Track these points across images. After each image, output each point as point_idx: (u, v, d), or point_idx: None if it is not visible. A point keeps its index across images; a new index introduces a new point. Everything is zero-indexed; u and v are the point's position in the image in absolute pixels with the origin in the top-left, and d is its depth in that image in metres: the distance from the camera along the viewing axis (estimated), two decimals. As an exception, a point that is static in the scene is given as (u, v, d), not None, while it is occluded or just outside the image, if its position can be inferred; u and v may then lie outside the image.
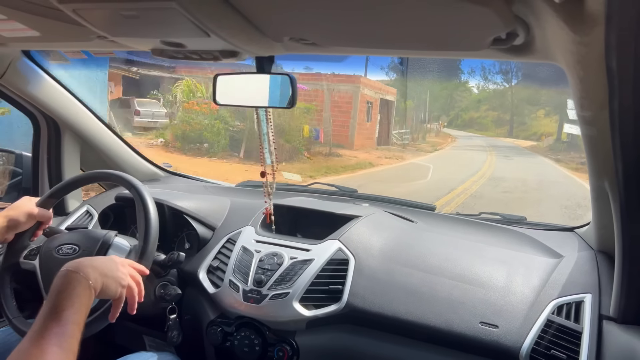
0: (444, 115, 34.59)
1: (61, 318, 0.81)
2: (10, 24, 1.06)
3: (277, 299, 1.31)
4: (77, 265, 0.92)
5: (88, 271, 0.92)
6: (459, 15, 0.72)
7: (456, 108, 35.28)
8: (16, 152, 1.95)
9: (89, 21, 0.89)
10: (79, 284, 0.89)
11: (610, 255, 1.30)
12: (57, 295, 0.85)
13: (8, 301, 1.29)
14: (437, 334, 1.19)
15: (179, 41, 0.97)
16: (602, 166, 1.04)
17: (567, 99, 1.07)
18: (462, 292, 1.24)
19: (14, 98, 1.73)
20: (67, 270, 0.91)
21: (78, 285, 0.89)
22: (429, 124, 26.57)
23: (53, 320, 0.81)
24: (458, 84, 31.08)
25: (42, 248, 1.32)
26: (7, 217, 1.26)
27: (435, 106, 32.11)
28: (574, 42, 0.70)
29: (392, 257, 1.38)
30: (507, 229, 1.62)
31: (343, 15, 0.78)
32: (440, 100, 32.11)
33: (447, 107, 34.43)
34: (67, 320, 0.82)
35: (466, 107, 34.45)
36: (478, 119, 33.94)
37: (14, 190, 1.89)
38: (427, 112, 26.63)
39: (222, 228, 1.62)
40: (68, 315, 0.82)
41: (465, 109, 34.71)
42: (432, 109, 30.34)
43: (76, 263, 0.93)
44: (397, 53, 1.17)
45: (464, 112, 34.55)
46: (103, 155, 2.02)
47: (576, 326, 1.11)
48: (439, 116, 31.15)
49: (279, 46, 0.99)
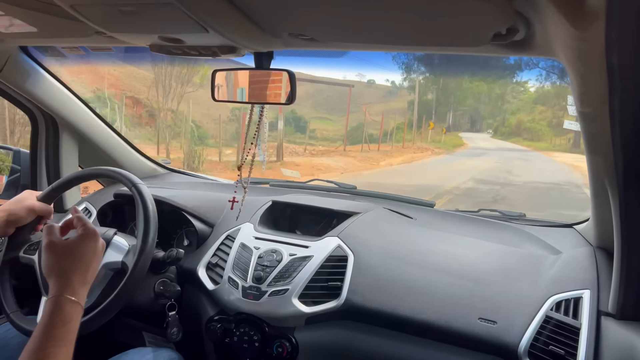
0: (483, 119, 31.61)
1: (57, 338, 0.86)
2: (7, 20, 1.06)
3: (277, 295, 1.31)
4: (72, 289, 0.95)
5: (79, 292, 0.96)
6: (459, 10, 0.72)
7: (497, 109, 30.76)
8: (14, 149, 1.95)
9: (87, 17, 0.89)
10: (71, 308, 0.92)
11: (609, 251, 1.30)
12: (50, 319, 0.89)
13: (7, 295, 1.29)
14: (435, 330, 1.19)
15: (178, 37, 0.97)
16: (602, 162, 1.03)
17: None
18: (461, 288, 1.24)
19: (11, 95, 1.72)
20: (59, 296, 0.93)
21: (71, 309, 0.92)
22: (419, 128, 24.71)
23: (49, 341, 0.85)
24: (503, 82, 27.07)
25: (41, 243, 1.31)
26: (7, 211, 1.26)
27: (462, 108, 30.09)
28: (575, 38, 0.69)
29: (391, 253, 1.38)
30: (506, 225, 1.63)
31: (342, 10, 0.78)
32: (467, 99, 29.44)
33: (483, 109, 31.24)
34: (65, 340, 0.87)
35: (516, 108, 28.57)
36: (529, 124, 26.54)
37: (12, 187, 1.88)
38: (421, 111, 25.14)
39: (221, 225, 1.62)
40: (64, 335, 0.87)
41: (514, 111, 28.64)
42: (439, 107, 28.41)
43: (70, 287, 0.95)
44: (396, 49, 1.16)
45: (512, 115, 28.79)
46: (101, 152, 2.01)
47: (575, 322, 1.11)
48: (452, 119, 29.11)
49: (278, 42, 0.99)
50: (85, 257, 1.02)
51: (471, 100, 31.04)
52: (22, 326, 1.23)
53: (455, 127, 30.94)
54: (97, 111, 1.98)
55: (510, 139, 25.89)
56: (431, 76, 27.03)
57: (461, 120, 32.97)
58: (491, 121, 31.57)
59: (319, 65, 22.55)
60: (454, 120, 31.84)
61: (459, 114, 31.95)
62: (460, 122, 32.70)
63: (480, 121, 32.80)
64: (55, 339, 0.86)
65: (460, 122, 32.79)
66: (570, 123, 1.45)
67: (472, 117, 33.33)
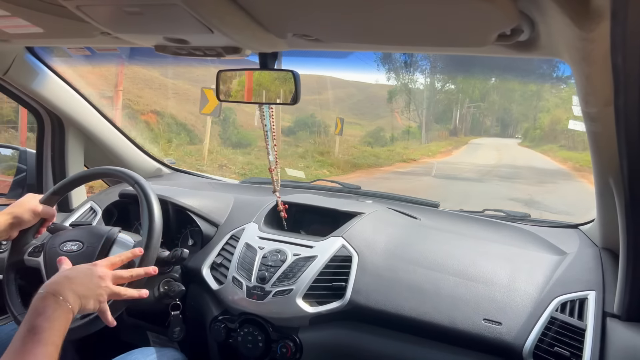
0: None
1: (40, 339, 0.83)
2: (14, 21, 1.07)
3: (281, 295, 1.31)
4: (57, 288, 0.93)
5: (67, 294, 0.93)
6: (464, 11, 0.72)
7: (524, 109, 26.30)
8: (20, 149, 1.96)
9: (93, 18, 0.89)
10: (58, 307, 0.90)
11: (614, 252, 1.30)
12: (36, 317, 0.86)
13: (13, 298, 1.30)
14: (440, 330, 1.19)
15: (183, 37, 0.97)
16: (607, 163, 1.03)
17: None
18: (466, 289, 1.24)
19: (17, 94, 1.74)
20: (46, 292, 0.91)
21: (58, 308, 0.90)
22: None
23: (32, 341, 0.82)
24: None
25: (46, 245, 1.32)
26: (11, 214, 1.26)
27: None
28: (579, 38, 0.69)
29: (396, 254, 1.38)
30: (511, 226, 1.62)
31: (347, 11, 0.78)
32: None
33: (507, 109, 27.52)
34: (47, 342, 0.83)
35: (554, 105, 23.11)
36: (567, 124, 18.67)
37: (18, 186, 1.89)
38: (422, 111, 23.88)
39: (225, 225, 1.62)
40: (47, 337, 0.84)
41: (550, 109, 23.44)
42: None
43: (55, 285, 0.94)
44: (401, 49, 1.16)
45: (546, 114, 23.62)
46: (107, 151, 2.02)
47: (580, 323, 1.11)
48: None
49: (283, 42, 0.99)
50: (87, 280, 1.02)
51: (496, 96, 27.76)
52: None
53: (476, 129, 28.19)
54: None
55: (541, 147, 20.25)
56: (452, 75, 25.32)
57: (487, 122, 29.79)
58: (527, 125, 26.43)
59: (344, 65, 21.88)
60: (475, 121, 28.92)
61: (477, 112, 29.04)
62: (484, 123, 29.56)
63: (514, 124, 28.88)
64: (38, 336, 0.83)
65: (486, 124, 29.70)
66: (575, 123, 1.45)
67: (502, 119, 29.92)
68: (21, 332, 0.84)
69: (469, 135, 27.03)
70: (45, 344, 0.83)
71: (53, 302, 0.90)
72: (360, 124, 22.83)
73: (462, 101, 26.87)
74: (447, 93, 26.21)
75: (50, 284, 0.94)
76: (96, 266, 1.06)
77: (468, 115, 28.62)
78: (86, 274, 1.03)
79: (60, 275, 0.99)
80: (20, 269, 1.34)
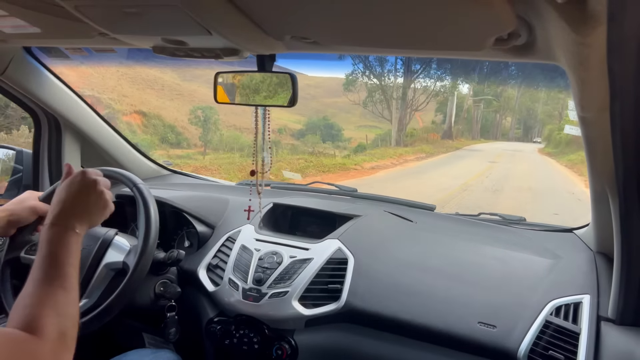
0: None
1: (57, 263, 0.86)
2: (11, 21, 1.06)
3: (277, 297, 1.31)
4: (65, 221, 0.95)
5: (74, 224, 0.96)
6: (461, 15, 0.72)
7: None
8: (17, 149, 1.95)
9: (91, 18, 0.89)
10: (66, 234, 0.93)
11: (609, 256, 1.30)
12: (49, 245, 0.89)
13: (8, 296, 1.29)
14: (435, 333, 1.19)
15: (181, 39, 0.97)
16: (602, 168, 1.04)
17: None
18: (461, 292, 1.24)
19: (14, 95, 1.73)
20: (51, 224, 0.94)
21: (66, 235, 0.93)
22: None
23: (51, 266, 0.86)
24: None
25: None
26: (9, 211, 1.26)
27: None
28: (576, 43, 0.70)
29: (391, 256, 1.39)
30: (506, 229, 1.63)
31: (345, 14, 0.78)
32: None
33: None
34: (64, 263, 0.87)
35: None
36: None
37: (14, 187, 1.89)
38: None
39: (222, 226, 1.62)
40: (63, 259, 0.88)
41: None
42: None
43: (61, 218, 0.95)
44: (398, 52, 1.17)
45: (572, 111, 13.41)
46: (104, 152, 2.02)
47: (574, 327, 1.11)
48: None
49: (281, 44, 0.99)
50: (85, 199, 1.03)
51: (513, 90, 23.78)
52: None
53: (488, 131, 24.76)
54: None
55: (567, 156, 15.37)
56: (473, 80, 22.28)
57: (504, 122, 25.41)
58: (551, 125, 21.98)
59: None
60: (486, 121, 24.56)
61: (489, 110, 24.45)
62: (501, 124, 25.43)
63: (538, 126, 24.87)
64: (55, 261, 0.87)
65: (504, 126, 25.57)
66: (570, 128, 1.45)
67: (525, 122, 25.77)
68: (38, 261, 0.87)
69: (477, 138, 23.96)
70: (63, 266, 0.87)
71: (62, 231, 0.93)
72: (380, 127, 21.52)
73: (461, 94, 23.16)
74: (432, 81, 21.35)
75: (56, 217, 0.95)
76: (95, 184, 1.05)
77: (477, 114, 24.42)
78: (88, 196, 1.03)
79: (59, 204, 0.99)
80: (16, 267, 1.34)
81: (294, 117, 18.43)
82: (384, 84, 20.76)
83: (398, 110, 20.34)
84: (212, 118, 14.38)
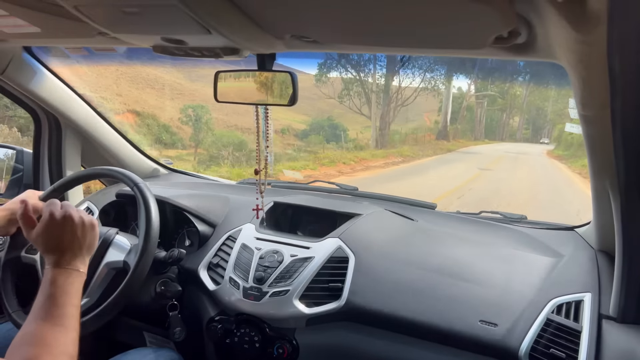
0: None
1: (59, 303, 0.87)
2: (11, 20, 1.06)
3: (277, 296, 1.31)
4: (67, 265, 0.95)
5: (77, 264, 0.96)
6: (461, 13, 0.72)
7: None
8: (17, 149, 1.96)
9: (90, 18, 0.89)
10: (71, 277, 0.93)
11: (610, 254, 1.30)
12: (52, 287, 0.90)
13: (8, 295, 1.30)
14: (436, 332, 1.19)
15: (180, 38, 0.97)
16: (603, 165, 1.03)
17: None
18: (462, 291, 1.24)
19: (15, 94, 1.73)
20: (53, 268, 0.93)
21: (70, 277, 0.93)
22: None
23: (52, 305, 0.87)
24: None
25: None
26: (10, 210, 1.26)
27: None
28: (576, 41, 0.70)
29: (392, 255, 1.38)
30: (508, 228, 1.62)
31: (345, 12, 0.78)
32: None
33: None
34: (66, 304, 0.88)
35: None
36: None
37: (15, 186, 1.89)
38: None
39: (222, 225, 1.62)
40: (66, 300, 0.88)
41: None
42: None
43: (64, 262, 0.95)
44: (398, 51, 1.17)
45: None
46: (104, 151, 2.02)
47: (576, 325, 1.11)
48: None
49: (280, 43, 0.99)
50: (72, 232, 1.00)
51: (520, 87, 21.73)
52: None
53: (493, 131, 22.78)
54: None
55: (580, 160, 12.44)
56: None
57: (511, 122, 23.35)
58: (562, 126, 19.13)
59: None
60: (490, 120, 22.44)
61: (494, 108, 22.03)
62: (508, 124, 23.47)
63: (549, 126, 22.41)
64: (56, 301, 0.88)
65: (512, 126, 23.38)
66: (571, 126, 1.45)
67: (534, 121, 23.09)
68: (39, 301, 0.88)
69: (480, 138, 21.89)
70: (65, 306, 0.87)
71: (64, 272, 0.93)
72: (395, 128, 19.45)
73: (462, 91, 21.27)
74: (421, 72, 18.34)
75: (51, 261, 0.95)
76: (70, 218, 1.00)
77: (479, 112, 22.14)
78: (73, 233, 1.00)
79: (51, 249, 0.97)
80: (16, 266, 1.34)
81: (300, 117, 18.03)
82: (363, 75, 18.31)
83: (379, 106, 18.10)
84: (204, 117, 13.84)
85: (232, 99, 1.31)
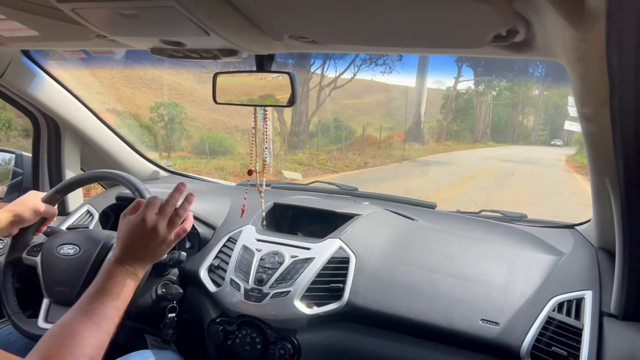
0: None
1: (104, 301, 0.88)
2: (9, 24, 1.06)
3: (278, 297, 1.31)
4: (124, 258, 0.96)
5: (137, 268, 0.97)
6: (459, 12, 0.72)
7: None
8: (16, 153, 1.96)
9: (88, 20, 0.89)
10: (127, 276, 0.94)
11: (611, 252, 1.30)
12: (106, 281, 0.91)
13: (9, 296, 1.30)
14: (437, 331, 1.19)
15: (179, 40, 0.97)
16: (603, 163, 1.03)
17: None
18: (463, 290, 1.24)
19: (13, 98, 1.73)
20: (115, 262, 0.95)
21: (126, 277, 0.94)
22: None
23: (97, 301, 0.88)
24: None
25: (44, 245, 1.32)
26: (12, 211, 1.26)
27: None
28: (575, 39, 0.69)
29: (393, 255, 1.38)
30: (508, 227, 1.62)
31: (343, 13, 0.78)
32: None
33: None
34: (110, 305, 0.89)
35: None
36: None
37: (14, 190, 1.89)
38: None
39: (222, 227, 1.62)
40: (111, 300, 0.89)
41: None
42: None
43: (127, 259, 0.96)
44: (396, 50, 1.16)
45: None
46: (103, 154, 2.02)
47: (577, 323, 1.11)
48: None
49: (279, 44, 0.99)
50: (149, 241, 1.01)
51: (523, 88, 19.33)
52: (23, 328, 1.24)
53: (499, 133, 20.88)
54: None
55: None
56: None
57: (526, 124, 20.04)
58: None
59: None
60: (502, 122, 19.82)
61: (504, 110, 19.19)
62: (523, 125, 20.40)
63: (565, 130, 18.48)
64: (107, 296, 0.89)
65: (526, 127, 20.21)
66: (570, 124, 1.45)
67: (552, 121, 19.50)
68: (90, 292, 0.89)
69: (482, 140, 19.90)
70: (109, 307, 0.88)
71: (122, 271, 0.94)
72: (400, 129, 18.76)
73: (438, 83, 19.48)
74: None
75: (122, 255, 0.96)
76: (155, 231, 1.01)
77: (480, 109, 19.76)
78: (149, 244, 1.01)
79: (124, 246, 0.98)
80: (18, 267, 1.34)
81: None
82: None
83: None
84: (178, 117, 12.60)
85: (230, 101, 1.31)
